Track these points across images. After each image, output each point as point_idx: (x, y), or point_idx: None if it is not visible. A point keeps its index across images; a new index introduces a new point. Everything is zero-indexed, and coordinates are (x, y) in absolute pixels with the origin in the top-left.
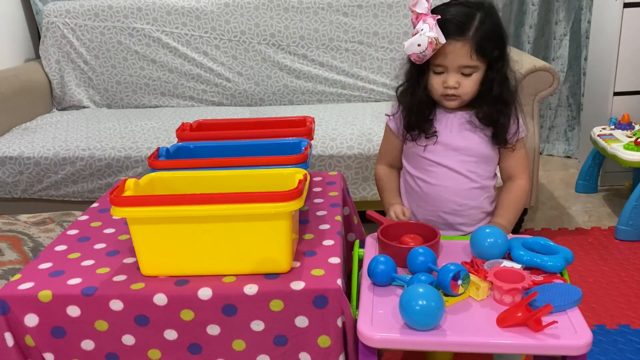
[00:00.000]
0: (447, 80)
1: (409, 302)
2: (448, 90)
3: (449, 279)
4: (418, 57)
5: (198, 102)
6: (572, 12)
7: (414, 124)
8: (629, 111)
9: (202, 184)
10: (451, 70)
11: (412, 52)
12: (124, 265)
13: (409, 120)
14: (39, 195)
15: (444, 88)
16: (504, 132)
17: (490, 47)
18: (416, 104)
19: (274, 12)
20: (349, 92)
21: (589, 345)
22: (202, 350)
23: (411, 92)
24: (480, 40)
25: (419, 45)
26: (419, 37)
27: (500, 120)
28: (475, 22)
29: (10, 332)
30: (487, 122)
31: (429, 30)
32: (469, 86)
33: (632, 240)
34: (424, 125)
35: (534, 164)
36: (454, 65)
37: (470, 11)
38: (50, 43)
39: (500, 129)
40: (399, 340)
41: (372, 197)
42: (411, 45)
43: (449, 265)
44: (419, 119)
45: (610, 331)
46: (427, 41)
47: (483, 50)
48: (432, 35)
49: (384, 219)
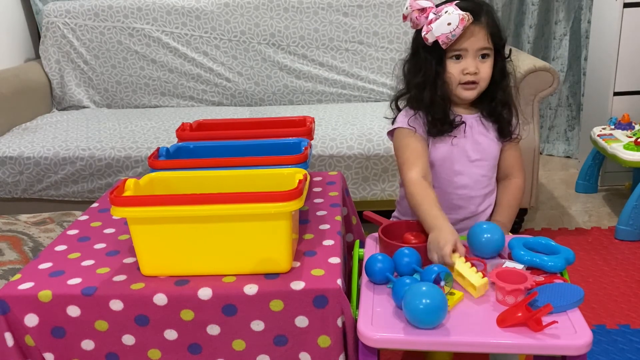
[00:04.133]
0: (467, 66)
1: (412, 301)
2: (468, 76)
3: (432, 281)
4: (447, 38)
5: (198, 102)
6: (572, 12)
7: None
8: (629, 111)
9: (202, 184)
10: (470, 55)
11: (441, 32)
12: (124, 265)
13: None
14: (39, 195)
15: (464, 75)
16: (508, 124)
17: (499, 33)
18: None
19: (274, 12)
20: (349, 92)
21: (589, 345)
22: (202, 350)
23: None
24: (493, 25)
25: (449, 24)
26: (448, 16)
27: (504, 113)
28: (486, 10)
29: (10, 332)
30: (492, 117)
31: (456, 10)
32: (486, 71)
33: (632, 240)
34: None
35: (534, 164)
36: (474, 47)
37: (475, 3)
38: (50, 43)
39: (505, 122)
40: (399, 340)
41: (372, 197)
42: (440, 25)
43: (432, 266)
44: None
45: (610, 331)
46: (458, 18)
47: (494, 35)
48: (462, 12)
49: (382, 219)
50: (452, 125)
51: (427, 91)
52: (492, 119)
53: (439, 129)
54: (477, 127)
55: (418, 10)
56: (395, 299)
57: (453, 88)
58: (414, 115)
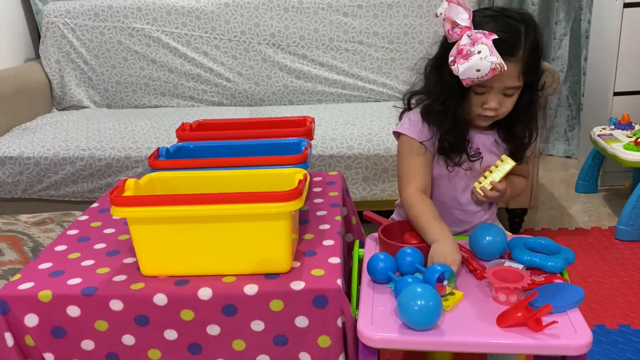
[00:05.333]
0: (489, 102)
1: (407, 302)
2: (488, 112)
3: (435, 280)
4: (472, 82)
5: (198, 102)
6: (572, 12)
7: (455, 146)
8: (629, 111)
9: (202, 184)
10: (495, 91)
11: (467, 76)
12: (124, 265)
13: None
14: (39, 195)
15: (483, 109)
16: (524, 149)
17: (536, 65)
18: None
19: (274, 12)
20: (349, 92)
21: (589, 345)
22: (202, 350)
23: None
24: (529, 59)
25: (478, 70)
26: (480, 61)
27: (525, 138)
28: (523, 39)
29: (10, 332)
30: (507, 142)
31: (490, 55)
32: (508, 107)
33: (632, 240)
34: (464, 146)
35: (534, 164)
36: (500, 86)
37: (516, 25)
38: (50, 43)
39: (520, 147)
40: (398, 340)
41: (372, 197)
42: (469, 69)
43: (435, 266)
44: (461, 140)
45: (610, 331)
46: (489, 67)
47: (531, 70)
48: (496, 60)
49: (382, 219)
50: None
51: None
52: (509, 143)
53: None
54: (490, 146)
55: (452, 22)
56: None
57: (470, 115)
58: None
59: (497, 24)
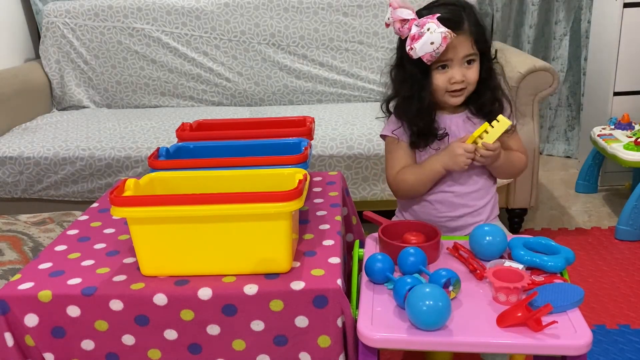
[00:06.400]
0: (454, 75)
1: (416, 302)
2: (455, 85)
3: (441, 286)
4: (431, 56)
5: (198, 102)
6: (572, 12)
7: (424, 130)
8: (629, 111)
9: (202, 184)
10: (455, 64)
11: (425, 52)
12: (124, 265)
13: (418, 128)
14: (39, 195)
15: (451, 84)
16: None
17: (484, 38)
18: (425, 108)
19: (274, 12)
20: (349, 92)
21: (589, 345)
22: (202, 350)
23: (417, 98)
24: (476, 31)
25: (432, 43)
26: (430, 35)
27: (493, 108)
28: (465, 16)
29: (10, 332)
30: (479, 112)
31: (438, 27)
32: (473, 76)
33: (632, 240)
34: (433, 128)
35: (534, 164)
36: (459, 56)
37: (456, 8)
38: (50, 43)
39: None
40: (398, 340)
41: (372, 197)
42: (423, 45)
43: (440, 270)
44: (428, 123)
45: (610, 331)
46: (441, 37)
47: (479, 40)
48: (444, 30)
49: (382, 219)
50: (436, 137)
51: (413, 103)
52: (481, 115)
53: (424, 142)
54: (463, 125)
55: (400, 21)
56: (396, 298)
57: (440, 96)
58: (399, 126)
59: (439, 9)
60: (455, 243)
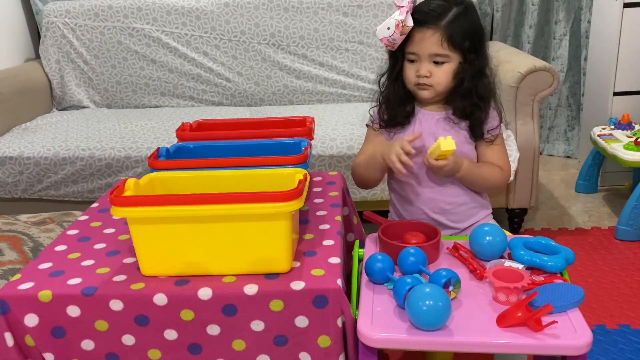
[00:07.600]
0: (420, 69)
1: (416, 302)
2: (420, 79)
3: (441, 286)
4: (388, 42)
5: (198, 102)
6: (572, 12)
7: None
8: (629, 111)
9: (202, 184)
10: (423, 59)
11: (382, 36)
12: (124, 265)
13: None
14: (39, 195)
15: (417, 77)
16: (479, 124)
17: (462, 39)
18: (394, 94)
19: (274, 12)
20: (349, 92)
21: (589, 345)
22: (202, 350)
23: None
24: (453, 31)
25: (388, 28)
26: (389, 21)
27: (476, 114)
28: (450, 15)
29: (10, 332)
30: (461, 115)
31: (399, 15)
32: (441, 76)
33: (632, 240)
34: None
35: (534, 164)
36: (425, 53)
37: (447, 5)
38: (50, 43)
39: (476, 122)
40: (398, 340)
41: (372, 197)
42: (382, 28)
43: (440, 270)
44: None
45: (610, 331)
46: (394, 24)
47: (454, 40)
48: (400, 18)
49: (382, 219)
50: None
51: (390, 87)
52: (462, 118)
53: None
54: (442, 124)
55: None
56: (396, 298)
57: (410, 88)
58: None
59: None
60: (455, 243)
